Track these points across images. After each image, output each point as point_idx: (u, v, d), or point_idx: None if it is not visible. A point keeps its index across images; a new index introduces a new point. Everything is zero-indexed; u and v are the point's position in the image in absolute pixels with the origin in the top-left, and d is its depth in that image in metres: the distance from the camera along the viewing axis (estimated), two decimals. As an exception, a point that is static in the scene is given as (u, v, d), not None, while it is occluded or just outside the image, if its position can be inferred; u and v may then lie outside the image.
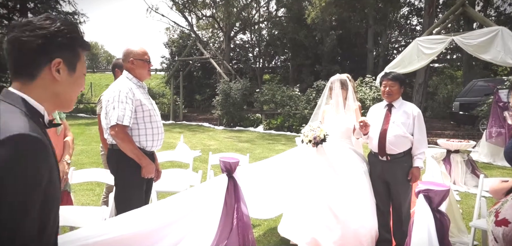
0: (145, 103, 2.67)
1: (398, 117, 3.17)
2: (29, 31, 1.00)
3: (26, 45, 0.99)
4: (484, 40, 7.89)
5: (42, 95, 1.03)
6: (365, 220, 3.13)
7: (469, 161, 5.65)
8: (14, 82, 1.02)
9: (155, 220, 2.53)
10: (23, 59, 1.01)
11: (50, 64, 1.03)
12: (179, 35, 23.82)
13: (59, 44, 1.04)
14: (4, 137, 0.84)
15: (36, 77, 1.02)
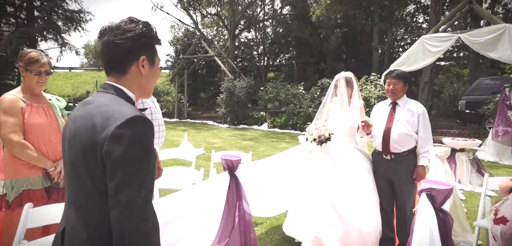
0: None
1: (402, 115, 3.14)
2: (120, 35, 1.19)
3: (118, 47, 1.19)
4: (491, 37, 7.79)
5: (132, 87, 1.23)
6: (369, 218, 3.11)
7: (475, 160, 5.59)
8: (108, 77, 1.23)
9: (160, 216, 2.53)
10: (116, 59, 1.21)
11: (137, 61, 1.22)
12: (184, 33, 23.87)
13: (143, 44, 1.23)
14: (124, 120, 1.04)
15: (126, 72, 1.22)
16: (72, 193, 1.16)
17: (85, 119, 1.11)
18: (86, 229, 1.09)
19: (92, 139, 1.06)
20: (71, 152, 1.15)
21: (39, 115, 2.43)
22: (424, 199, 2.25)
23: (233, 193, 2.95)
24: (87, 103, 1.19)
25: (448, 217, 2.28)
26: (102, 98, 1.16)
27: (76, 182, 1.13)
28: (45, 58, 2.47)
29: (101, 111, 1.10)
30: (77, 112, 1.20)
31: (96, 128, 1.07)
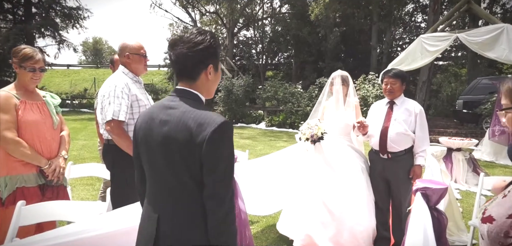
0: (141, 98, 2.66)
1: (399, 115, 3.14)
2: (192, 47, 1.34)
3: (190, 59, 1.35)
4: (488, 37, 7.80)
5: (202, 91, 1.41)
6: (361, 217, 3.10)
7: (471, 159, 5.60)
8: (180, 82, 1.41)
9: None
10: (188, 68, 1.37)
11: (206, 69, 1.38)
12: (183, 31, 23.82)
13: (211, 54, 1.38)
14: (216, 126, 1.24)
15: (197, 79, 1.39)
16: (167, 184, 1.35)
17: (177, 124, 1.30)
18: (184, 213, 1.32)
19: (189, 141, 1.26)
20: (167, 151, 1.32)
21: (33, 112, 2.42)
22: (419, 198, 2.25)
23: (228, 191, 2.95)
24: (170, 107, 1.36)
25: (442, 217, 2.28)
26: (185, 104, 1.35)
27: (173, 175, 1.32)
28: (39, 54, 2.46)
29: (191, 117, 1.29)
30: (160, 115, 1.35)
31: (192, 131, 1.26)
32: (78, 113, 17.93)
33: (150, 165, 1.40)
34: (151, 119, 1.38)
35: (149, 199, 1.44)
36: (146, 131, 1.39)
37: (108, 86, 2.58)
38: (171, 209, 1.34)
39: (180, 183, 1.32)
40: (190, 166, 1.29)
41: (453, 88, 15.07)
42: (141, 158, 1.46)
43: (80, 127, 11.95)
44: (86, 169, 3.11)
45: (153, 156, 1.37)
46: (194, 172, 1.29)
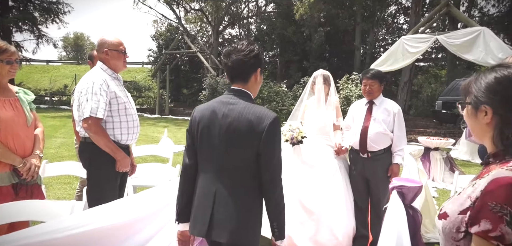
0: (120, 95, 2.61)
1: (379, 114, 3.19)
2: (246, 55, 1.68)
3: (244, 65, 1.68)
4: (466, 40, 8.02)
5: (252, 90, 1.74)
6: (340, 216, 3.15)
7: (448, 158, 5.76)
8: (234, 84, 1.73)
9: (129, 214, 2.48)
10: (243, 72, 1.70)
11: (255, 72, 1.72)
12: (167, 28, 23.54)
13: (259, 59, 1.72)
14: (272, 120, 1.59)
15: (248, 81, 1.72)
16: (225, 167, 1.64)
17: (239, 117, 1.61)
18: (240, 188, 1.63)
19: (251, 131, 1.59)
20: (229, 139, 1.62)
21: (5, 109, 2.34)
22: (394, 196, 2.30)
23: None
24: (230, 103, 1.66)
25: (417, 214, 2.34)
26: (242, 102, 1.66)
27: (233, 156, 1.63)
28: (12, 46, 2.39)
29: (251, 111, 1.62)
30: (222, 109, 1.66)
31: (253, 123, 1.59)
32: (58, 110, 17.47)
33: (210, 151, 1.68)
34: (213, 113, 1.67)
35: (205, 180, 1.70)
36: (209, 122, 1.68)
37: (85, 83, 2.52)
38: (226, 188, 1.64)
39: (237, 166, 1.64)
40: (248, 153, 1.61)
41: (433, 89, 15.46)
42: (198, 145, 1.72)
43: (59, 125, 11.65)
44: (62, 167, 3.04)
45: (214, 143, 1.66)
46: (250, 159, 1.61)
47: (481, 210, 0.90)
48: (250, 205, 1.65)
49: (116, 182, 2.63)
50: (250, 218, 1.66)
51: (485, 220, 0.88)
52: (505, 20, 16.83)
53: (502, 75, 1.00)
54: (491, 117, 1.01)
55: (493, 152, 1.02)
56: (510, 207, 0.86)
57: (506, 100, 0.98)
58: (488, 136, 1.03)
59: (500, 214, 0.86)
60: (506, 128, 0.97)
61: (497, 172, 0.93)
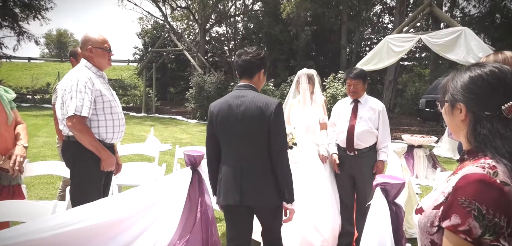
0: (105, 93, 2.58)
1: (364, 113, 3.25)
2: (254, 57, 2.17)
3: (252, 64, 2.16)
4: (448, 39, 8.21)
5: (256, 86, 2.20)
6: (325, 213, 3.19)
7: (431, 155, 5.89)
8: (241, 79, 2.20)
9: (114, 213, 2.46)
10: (249, 70, 2.17)
11: (260, 72, 2.20)
12: (153, 26, 23.25)
13: (264, 62, 2.21)
14: (276, 105, 2.04)
15: (253, 78, 2.19)
16: (247, 145, 2.08)
17: (250, 105, 2.05)
18: (261, 161, 2.08)
19: (262, 115, 2.03)
20: (242, 126, 2.06)
21: (-16, 107, 2.28)
22: (378, 193, 2.34)
23: (195, 188, 2.93)
24: (241, 96, 2.10)
25: (400, 210, 2.39)
26: (252, 93, 2.11)
27: (252, 137, 2.06)
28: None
29: (259, 100, 2.06)
30: (235, 101, 2.10)
31: (262, 109, 2.03)
32: (40, 108, 17.03)
33: (231, 136, 2.10)
34: (229, 106, 2.09)
35: (230, 161, 2.13)
36: (227, 113, 2.09)
37: (69, 80, 2.48)
38: (249, 164, 2.08)
39: (254, 145, 2.07)
40: (260, 133, 2.04)
41: (417, 88, 15.76)
42: (219, 134, 2.14)
43: (41, 123, 11.38)
44: (44, 167, 2.97)
45: (233, 129, 2.08)
46: (264, 137, 2.05)
47: (451, 205, 0.93)
48: (268, 174, 2.09)
49: (101, 181, 2.60)
50: (269, 185, 2.10)
51: (455, 215, 0.91)
52: (485, 21, 17.28)
53: (476, 74, 1.03)
54: (465, 114, 1.04)
55: (467, 149, 1.06)
56: (478, 202, 0.89)
57: (479, 97, 1.01)
58: (463, 133, 1.06)
59: (468, 209, 0.89)
60: (478, 125, 1.00)
61: (468, 169, 0.96)
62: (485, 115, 0.99)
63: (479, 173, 0.92)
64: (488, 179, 0.91)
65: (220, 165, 2.18)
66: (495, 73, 1.01)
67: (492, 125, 0.98)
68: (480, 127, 1.00)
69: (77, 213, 2.21)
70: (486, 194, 0.89)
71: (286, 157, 2.09)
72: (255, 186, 2.07)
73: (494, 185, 0.90)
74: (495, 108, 0.98)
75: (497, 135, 0.97)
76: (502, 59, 1.73)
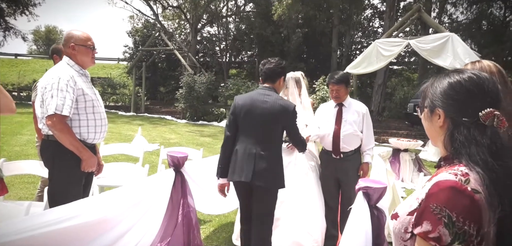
0: (87, 92, 2.53)
1: (349, 116, 3.26)
2: (276, 66, 2.64)
3: (275, 71, 2.63)
4: (436, 45, 8.33)
5: (278, 90, 2.67)
6: (311, 216, 3.18)
7: (417, 159, 5.95)
8: (265, 83, 2.66)
9: (94, 215, 2.41)
10: (272, 76, 2.64)
11: (280, 79, 2.70)
12: (144, 25, 23.04)
13: (284, 70, 2.72)
14: (293, 107, 2.57)
15: (275, 82, 2.66)
16: (263, 135, 2.53)
17: (274, 104, 2.52)
18: (272, 149, 2.54)
19: (282, 113, 2.51)
20: (264, 119, 2.51)
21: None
22: (360, 197, 2.34)
23: (178, 190, 2.89)
24: (266, 94, 2.57)
25: (382, 215, 2.39)
26: (274, 95, 2.58)
27: (269, 129, 2.54)
28: None
29: (281, 101, 2.56)
30: (260, 98, 2.57)
31: (283, 108, 2.52)
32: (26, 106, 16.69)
33: (251, 125, 2.54)
34: (254, 100, 2.55)
35: (247, 145, 2.53)
36: (251, 106, 2.54)
37: (50, 78, 2.42)
38: (263, 150, 2.49)
39: (269, 135, 2.54)
40: (277, 127, 2.54)
41: (405, 92, 15.92)
42: (241, 122, 2.57)
43: (26, 121, 11.15)
44: (23, 166, 2.90)
45: (255, 120, 2.52)
46: (278, 131, 2.57)
47: (423, 212, 0.93)
48: (278, 161, 2.56)
49: (81, 182, 2.55)
50: (278, 169, 2.55)
51: (427, 222, 0.91)
52: (472, 27, 17.59)
53: (455, 80, 1.03)
54: (443, 120, 1.04)
55: (444, 156, 1.06)
56: (448, 209, 0.88)
57: (457, 104, 1.01)
58: (441, 139, 1.06)
59: (439, 216, 0.89)
60: (456, 131, 1.00)
61: (441, 175, 0.96)
62: (463, 122, 0.99)
63: (451, 180, 0.92)
64: (459, 186, 0.90)
65: (235, 148, 2.57)
66: (474, 80, 1.01)
67: (469, 131, 0.97)
68: (457, 133, 1.00)
69: (54, 214, 2.16)
70: (456, 201, 0.88)
71: (301, 141, 2.72)
72: (266, 169, 2.47)
73: (465, 193, 0.89)
74: (473, 115, 0.98)
75: (473, 142, 0.96)
76: (479, 67, 1.75)
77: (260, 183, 2.47)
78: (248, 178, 2.46)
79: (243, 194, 2.68)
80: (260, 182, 2.46)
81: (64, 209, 2.19)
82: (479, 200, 0.89)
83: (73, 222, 2.27)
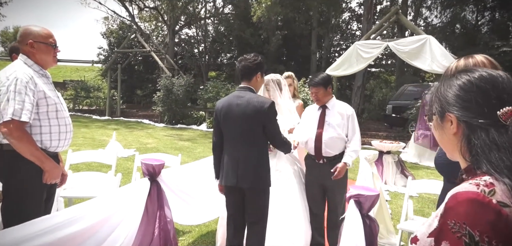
0: (49, 95, 2.26)
1: (332, 119, 3.10)
2: (251, 62, 2.54)
3: (249, 68, 2.54)
4: (414, 47, 8.42)
5: (254, 87, 2.56)
6: (295, 223, 3.03)
7: (399, 161, 5.92)
8: (242, 81, 2.58)
9: (58, 233, 2.16)
10: (248, 73, 2.55)
11: (257, 75, 2.58)
12: (119, 26, 22.36)
13: (260, 66, 2.58)
14: (270, 104, 2.45)
15: (251, 80, 2.56)
16: (244, 138, 2.47)
17: (248, 104, 2.43)
18: (255, 151, 2.48)
19: (256, 113, 2.41)
20: (241, 121, 2.45)
21: None
22: (352, 206, 2.20)
23: (153, 201, 2.66)
24: (241, 96, 2.49)
25: (374, 224, 2.26)
26: (248, 94, 2.49)
27: (248, 132, 2.46)
28: None
29: (255, 99, 2.45)
30: (235, 100, 2.49)
31: (257, 107, 2.41)
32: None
33: (232, 129, 2.50)
34: (230, 104, 2.49)
35: (231, 149, 2.52)
36: (228, 110, 2.48)
37: (5, 78, 2.14)
38: (245, 152, 2.47)
39: (250, 136, 2.47)
40: (256, 127, 2.45)
41: (384, 94, 16.16)
42: (223, 126, 2.53)
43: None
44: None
45: (233, 124, 2.48)
46: (258, 130, 2.46)
47: (441, 230, 0.79)
48: (261, 161, 2.51)
49: (42, 196, 2.27)
50: (261, 170, 2.50)
51: (445, 242, 0.77)
52: (446, 30, 18.11)
53: (464, 80, 0.91)
54: (456, 125, 0.90)
55: (465, 167, 0.91)
56: (469, 226, 0.74)
57: (470, 104, 0.88)
58: (457, 148, 0.92)
59: (458, 234, 0.75)
60: (473, 136, 0.86)
61: (460, 186, 0.82)
62: (479, 124, 0.85)
63: (472, 191, 0.78)
64: (481, 198, 0.76)
65: (223, 153, 2.58)
66: (485, 77, 0.89)
67: (488, 134, 0.84)
68: (475, 139, 0.86)
69: (11, 234, 1.90)
70: (479, 216, 0.74)
71: (281, 140, 2.58)
72: (249, 171, 2.46)
73: (490, 206, 0.75)
74: (490, 115, 0.85)
75: (494, 147, 0.83)
76: (473, 63, 1.63)
77: (244, 185, 2.47)
78: (233, 182, 2.48)
79: (232, 201, 2.63)
80: (244, 183, 2.46)
81: (21, 229, 1.93)
82: (508, 215, 0.75)
83: (33, 243, 2.02)
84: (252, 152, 2.48)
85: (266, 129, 2.47)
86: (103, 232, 2.39)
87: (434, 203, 4.88)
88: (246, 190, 2.52)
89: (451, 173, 1.69)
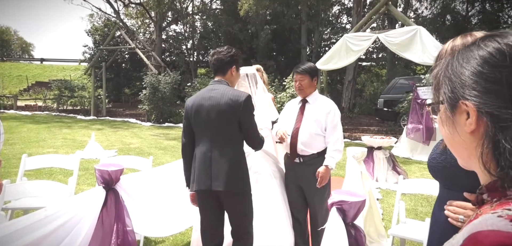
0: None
1: (311, 114, 2.78)
2: (224, 55, 2.39)
3: (223, 61, 2.39)
4: (404, 39, 8.17)
5: (229, 81, 2.40)
6: (278, 228, 2.74)
7: (391, 157, 5.65)
8: (216, 75, 2.42)
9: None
10: (221, 67, 2.40)
11: (231, 68, 2.42)
12: (104, 23, 21.76)
13: (235, 60, 2.43)
14: (245, 97, 2.26)
15: (226, 74, 2.41)
16: (217, 135, 2.27)
17: (221, 97, 2.24)
18: (231, 149, 2.27)
19: (231, 106, 2.23)
20: (214, 117, 2.25)
21: None
22: (334, 215, 1.89)
23: (110, 212, 2.32)
24: (213, 90, 2.31)
25: (360, 234, 1.94)
26: (222, 87, 2.31)
27: (222, 128, 2.26)
28: None
29: (229, 93, 2.27)
30: (207, 94, 2.30)
31: (232, 101, 2.23)
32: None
33: (203, 126, 2.28)
34: (202, 99, 2.29)
35: (203, 148, 2.26)
36: (199, 106, 2.28)
37: None
38: (219, 151, 2.24)
39: (224, 134, 2.26)
40: (234, 122, 2.25)
41: (375, 87, 15.96)
42: (194, 125, 2.31)
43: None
44: None
45: (205, 120, 2.26)
46: (233, 127, 2.25)
47: None
48: (238, 160, 2.27)
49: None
50: (238, 171, 2.26)
51: None
52: (437, 22, 17.95)
53: (491, 51, 0.58)
54: (476, 119, 0.58)
55: (487, 183, 0.59)
56: None
57: (498, 87, 0.56)
58: (476, 155, 0.59)
59: None
60: (502, 136, 0.55)
61: (481, 221, 0.52)
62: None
63: (502, 232, 0.48)
64: None
65: (194, 154, 2.32)
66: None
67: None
68: (505, 141, 0.54)
69: None
70: None
71: (257, 137, 2.35)
72: (224, 172, 2.20)
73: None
74: None
75: None
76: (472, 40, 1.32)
77: (219, 188, 2.20)
78: (207, 185, 2.22)
79: (207, 211, 2.34)
80: (218, 186, 2.20)
81: None
82: None
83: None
84: (226, 150, 2.24)
85: (241, 125, 2.25)
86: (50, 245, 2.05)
87: (428, 201, 4.60)
88: (221, 195, 2.25)
89: (449, 179, 1.37)
